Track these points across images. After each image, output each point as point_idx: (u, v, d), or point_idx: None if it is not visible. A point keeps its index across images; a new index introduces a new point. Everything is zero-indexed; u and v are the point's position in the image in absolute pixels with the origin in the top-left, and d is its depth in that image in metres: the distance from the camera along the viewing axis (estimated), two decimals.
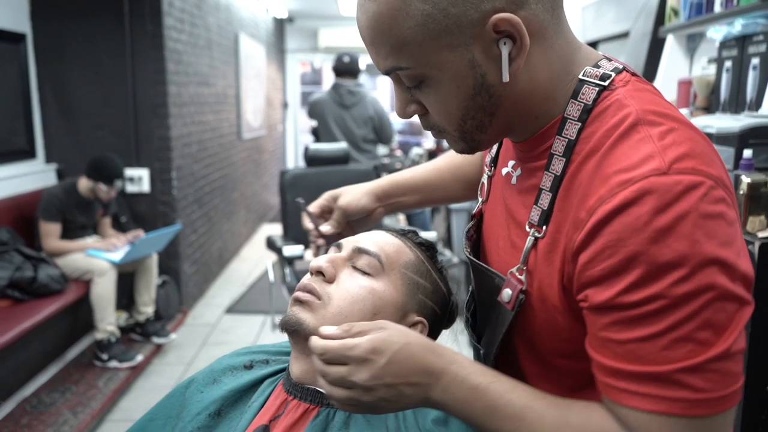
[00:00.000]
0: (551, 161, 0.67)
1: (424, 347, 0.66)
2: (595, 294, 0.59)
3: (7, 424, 2.57)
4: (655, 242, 0.55)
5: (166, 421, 0.87)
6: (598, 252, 0.59)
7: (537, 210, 0.69)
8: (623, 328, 0.58)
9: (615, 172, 0.59)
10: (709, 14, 1.88)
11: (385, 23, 0.63)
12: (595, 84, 0.66)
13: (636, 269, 0.56)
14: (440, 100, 0.67)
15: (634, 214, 0.56)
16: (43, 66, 3.60)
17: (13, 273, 2.81)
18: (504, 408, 0.63)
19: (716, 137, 1.45)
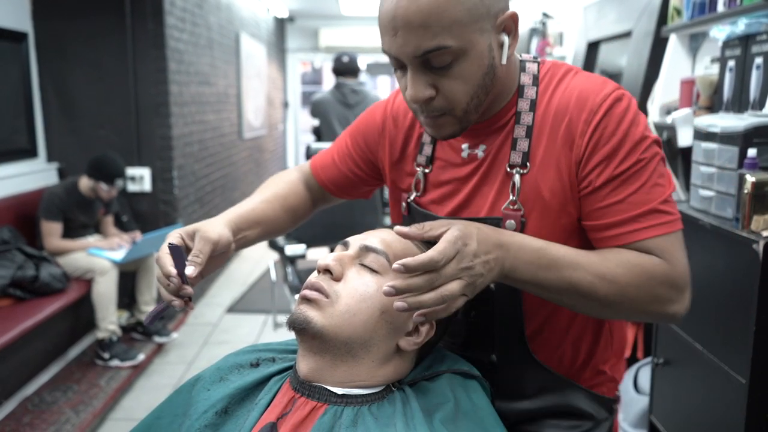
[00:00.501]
0: (520, 118, 0.89)
1: (490, 228, 0.81)
2: (597, 176, 0.85)
3: (9, 422, 2.57)
4: (630, 127, 0.84)
5: (173, 419, 0.86)
6: (594, 146, 0.84)
7: (517, 154, 0.89)
8: (621, 190, 0.84)
9: (590, 94, 0.86)
10: (712, 14, 1.88)
11: (441, 6, 0.76)
12: (532, 61, 0.93)
13: (624, 147, 0.84)
14: (464, 77, 0.81)
15: (616, 114, 0.84)
16: (45, 65, 3.60)
17: (15, 272, 2.81)
18: (563, 259, 0.81)
19: (720, 137, 1.45)
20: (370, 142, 1.09)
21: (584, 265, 0.81)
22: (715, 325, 1.40)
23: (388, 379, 0.83)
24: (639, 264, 0.82)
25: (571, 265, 0.80)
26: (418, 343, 0.83)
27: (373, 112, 1.11)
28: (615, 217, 0.84)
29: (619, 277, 0.81)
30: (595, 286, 0.80)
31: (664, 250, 0.83)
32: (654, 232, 0.83)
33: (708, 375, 1.42)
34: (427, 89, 0.81)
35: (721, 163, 1.45)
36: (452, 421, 0.78)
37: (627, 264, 0.81)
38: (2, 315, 2.69)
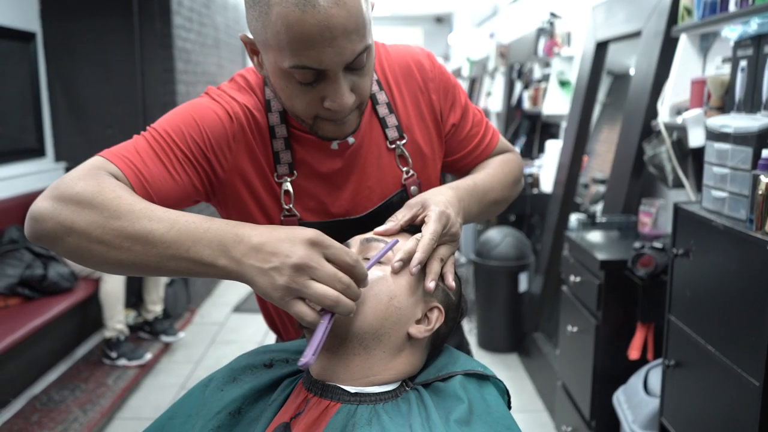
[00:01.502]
0: (375, 99, 0.98)
1: (444, 187, 0.94)
2: (454, 116, 1.05)
3: (18, 421, 2.58)
4: (446, 71, 1.06)
5: (186, 420, 0.86)
6: (444, 94, 1.04)
7: (391, 130, 0.99)
8: (467, 117, 1.08)
9: (416, 55, 1.03)
10: (723, 13, 1.87)
11: (361, 7, 0.78)
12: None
13: (456, 87, 1.06)
14: (370, 72, 0.86)
15: (439, 65, 1.05)
16: (53, 65, 3.62)
17: (23, 271, 2.82)
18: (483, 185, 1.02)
19: (734, 137, 1.44)
20: (218, 150, 0.90)
21: (495, 183, 1.04)
22: (728, 327, 1.39)
23: (400, 373, 0.83)
24: (509, 160, 1.11)
25: (491, 187, 1.02)
26: (428, 330, 0.83)
27: (209, 115, 0.90)
28: (473, 141, 1.08)
29: (510, 177, 1.08)
30: (506, 194, 1.07)
31: (505, 146, 1.14)
32: (496, 137, 1.12)
33: (720, 377, 1.41)
34: (351, 93, 0.83)
35: (734, 164, 1.44)
36: (467, 422, 0.77)
37: (506, 166, 1.09)
38: (11, 314, 2.70)
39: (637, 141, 2.37)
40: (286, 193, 0.93)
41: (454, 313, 0.90)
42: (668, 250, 1.77)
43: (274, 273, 0.70)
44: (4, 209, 3.09)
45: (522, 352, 3.41)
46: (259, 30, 0.79)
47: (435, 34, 10.34)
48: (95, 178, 0.78)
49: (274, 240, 0.71)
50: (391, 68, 1.00)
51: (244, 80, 0.95)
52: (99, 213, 0.74)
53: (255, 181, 0.93)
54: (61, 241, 0.75)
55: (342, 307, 0.71)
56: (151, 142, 0.86)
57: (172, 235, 0.73)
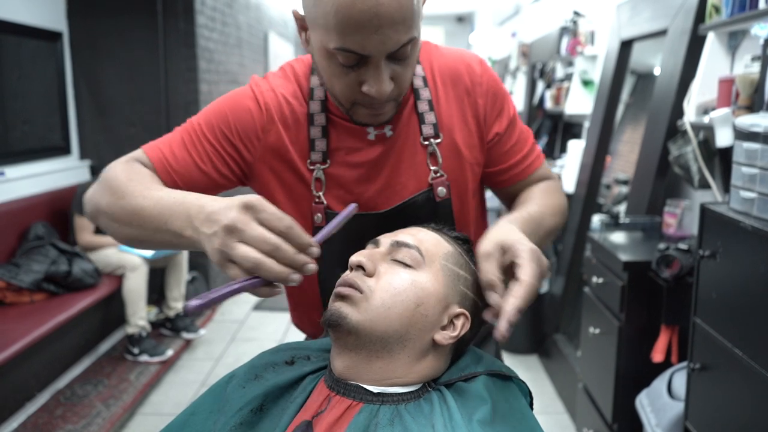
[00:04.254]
0: (418, 94, 0.97)
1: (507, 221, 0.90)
2: (499, 125, 1.03)
3: (42, 414, 2.62)
4: (500, 82, 1.04)
5: (207, 416, 0.86)
6: (492, 101, 1.02)
7: (428, 127, 0.98)
8: (514, 131, 1.05)
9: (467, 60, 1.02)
10: (753, 11, 1.83)
11: (411, 0, 0.79)
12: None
13: (507, 98, 1.04)
14: (412, 64, 0.88)
15: (491, 73, 1.03)
16: (79, 64, 3.67)
17: (48, 267, 2.87)
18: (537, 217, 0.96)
19: (763, 137, 1.41)
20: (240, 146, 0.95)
21: (546, 213, 0.99)
22: (757, 329, 1.36)
23: (423, 377, 0.82)
24: (554, 189, 1.07)
25: (542, 218, 0.97)
26: (453, 337, 0.82)
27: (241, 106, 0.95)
28: (516, 156, 1.04)
29: (558, 206, 1.04)
30: (556, 223, 1.03)
31: (548, 172, 1.10)
32: (540, 160, 1.08)
33: (747, 381, 1.38)
34: (390, 82, 0.85)
35: (764, 164, 1.41)
36: (489, 423, 0.76)
37: (552, 196, 1.05)
38: (36, 309, 2.75)
39: (662, 141, 2.34)
40: (317, 180, 0.95)
41: (480, 318, 0.89)
42: (694, 252, 1.74)
43: (213, 237, 0.70)
44: (30, 206, 3.15)
45: (542, 354, 3.38)
46: (311, 7, 0.83)
47: (456, 34, 10.31)
48: (124, 164, 0.92)
49: (219, 207, 0.72)
50: (440, 68, 1.00)
51: (291, 69, 1.00)
52: (112, 194, 0.86)
53: (284, 169, 0.97)
54: (97, 220, 0.90)
55: (264, 270, 0.67)
56: (183, 135, 0.96)
57: (156, 210, 0.79)
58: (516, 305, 0.75)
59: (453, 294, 0.84)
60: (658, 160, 2.36)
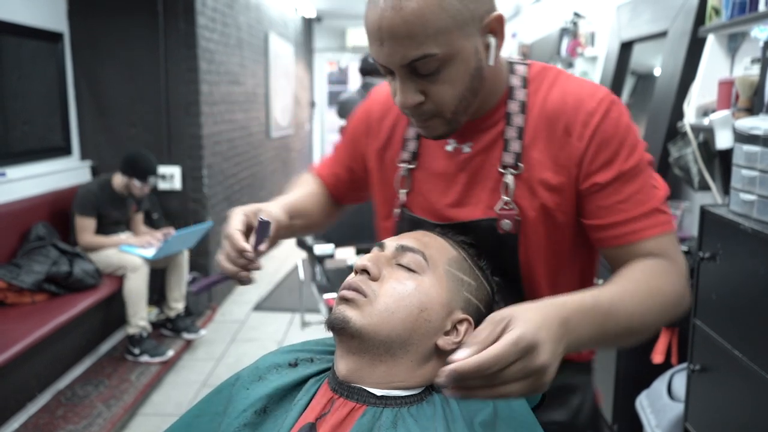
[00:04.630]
0: (510, 119, 0.91)
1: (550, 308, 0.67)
2: (602, 176, 0.88)
3: (44, 415, 2.63)
4: (628, 129, 0.89)
5: (212, 418, 0.87)
6: (598, 147, 0.88)
7: (509, 155, 0.91)
8: (624, 189, 0.88)
9: (585, 97, 0.89)
10: (753, 13, 1.84)
11: (426, 15, 0.76)
12: (521, 63, 0.95)
13: (624, 148, 0.88)
14: (451, 81, 0.82)
15: (614, 117, 0.89)
16: (80, 64, 3.67)
17: (49, 267, 2.87)
18: (611, 307, 0.76)
19: (763, 139, 1.41)
20: (358, 144, 1.11)
21: (632, 303, 0.78)
22: (756, 331, 1.37)
23: (426, 380, 0.83)
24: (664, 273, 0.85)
25: (623, 309, 0.76)
26: (456, 343, 0.83)
27: (356, 113, 1.13)
28: (618, 215, 0.87)
29: (660, 297, 0.82)
30: (651, 320, 0.82)
31: (667, 248, 0.87)
32: (657, 230, 0.87)
33: (747, 383, 1.39)
34: (415, 95, 0.83)
35: (763, 167, 1.41)
36: (491, 425, 0.77)
37: (657, 281, 0.83)
38: (37, 309, 2.75)
39: (662, 142, 2.34)
40: (402, 178, 1.01)
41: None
42: (694, 254, 1.74)
43: None
44: (31, 207, 3.15)
45: None
46: None
47: None
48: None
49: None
50: (550, 97, 0.91)
51: None
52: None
53: (379, 166, 1.07)
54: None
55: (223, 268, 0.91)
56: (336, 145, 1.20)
57: None
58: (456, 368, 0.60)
59: (457, 299, 0.84)
60: (658, 161, 2.37)
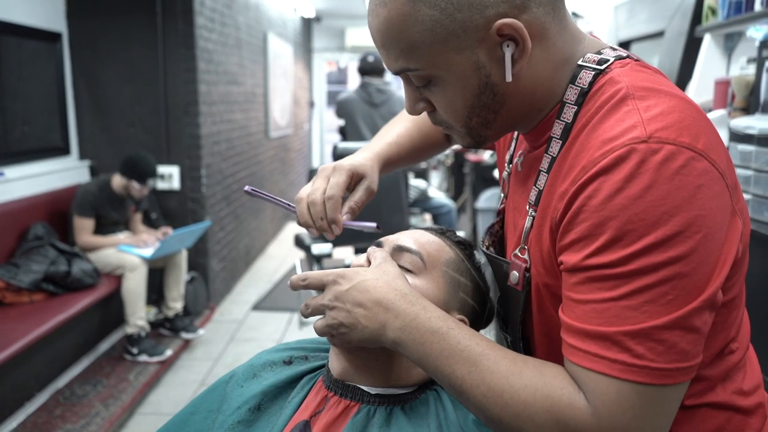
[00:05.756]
0: (550, 144, 0.71)
1: (392, 287, 0.72)
2: (569, 256, 0.62)
3: (42, 414, 2.63)
4: (624, 209, 0.58)
5: (207, 415, 0.88)
6: (572, 218, 0.62)
7: (535, 191, 0.73)
8: (585, 289, 0.61)
9: (599, 142, 0.62)
10: (749, 13, 1.85)
11: (396, 27, 0.66)
12: (592, 68, 0.69)
13: (604, 234, 0.59)
14: (447, 98, 0.71)
15: (610, 180, 0.58)
16: (78, 65, 3.67)
17: (48, 267, 2.88)
18: (460, 353, 0.66)
19: (758, 138, 1.42)
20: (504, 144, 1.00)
21: (483, 368, 0.64)
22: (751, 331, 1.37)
23: (421, 379, 0.83)
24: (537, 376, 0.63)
25: (468, 361, 0.65)
26: None
27: None
28: (566, 316, 0.63)
29: (518, 403, 0.62)
30: (486, 400, 0.64)
31: (601, 397, 0.58)
32: (595, 365, 0.59)
33: None
34: (418, 104, 0.75)
35: (758, 166, 1.42)
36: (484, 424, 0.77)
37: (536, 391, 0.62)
38: (36, 309, 2.75)
39: None
40: (503, 180, 0.91)
41: (479, 324, 0.89)
42: None
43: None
44: (29, 206, 3.15)
45: None
46: None
47: None
48: None
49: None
50: (590, 127, 0.65)
51: None
52: None
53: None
54: None
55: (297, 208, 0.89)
56: None
57: None
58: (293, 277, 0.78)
59: (453, 301, 0.84)
60: None
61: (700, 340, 0.59)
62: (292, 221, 7.04)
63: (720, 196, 0.59)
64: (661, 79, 0.68)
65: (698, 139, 0.59)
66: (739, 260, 0.65)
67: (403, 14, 0.65)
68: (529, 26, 0.65)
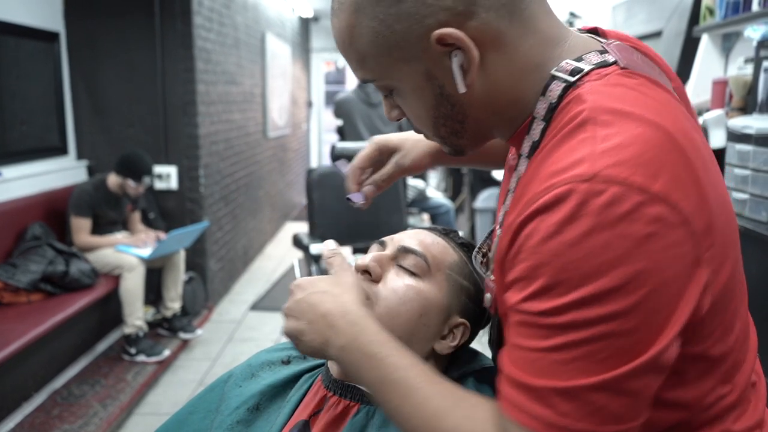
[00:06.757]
0: (519, 163, 0.65)
1: (338, 302, 0.69)
2: (510, 295, 0.58)
3: (39, 414, 2.63)
4: (558, 256, 0.52)
5: (205, 415, 0.88)
6: (514, 255, 0.57)
7: (503, 210, 0.68)
8: (521, 333, 0.57)
9: (546, 174, 0.55)
10: (746, 13, 1.85)
11: (347, 39, 0.65)
12: (563, 80, 0.61)
13: (538, 280, 0.54)
14: (410, 108, 0.69)
15: (547, 222, 0.53)
16: (76, 64, 3.67)
17: (45, 267, 2.87)
18: (394, 383, 0.63)
19: (756, 138, 1.42)
20: None
21: (415, 404, 0.62)
22: None
23: None
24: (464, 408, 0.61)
25: (401, 394, 0.63)
26: (452, 347, 0.83)
27: None
28: (505, 358, 0.59)
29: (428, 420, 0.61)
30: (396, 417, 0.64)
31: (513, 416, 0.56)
32: (520, 416, 0.56)
33: None
34: (392, 111, 0.72)
35: (756, 166, 1.42)
36: None
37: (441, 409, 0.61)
38: (33, 309, 2.75)
39: None
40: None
41: (478, 325, 0.89)
42: None
43: None
44: (27, 206, 3.15)
45: None
46: None
47: None
48: None
49: None
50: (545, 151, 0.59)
51: None
52: None
53: None
54: None
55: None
56: None
57: None
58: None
59: (455, 304, 0.83)
60: None
61: (637, 403, 0.54)
62: (290, 221, 7.04)
63: (676, 246, 0.51)
64: (640, 98, 0.58)
65: (656, 179, 0.51)
66: (709, 313, 0.56)
67: (349, 26, 0.63)
68: (479, 33, 0.60)
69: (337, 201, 3.07)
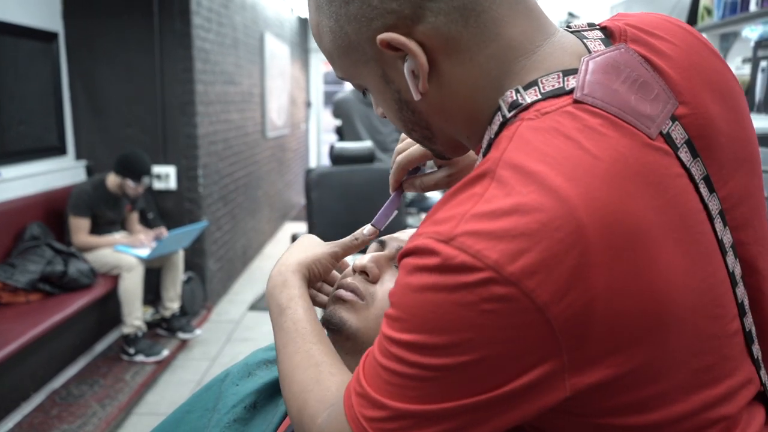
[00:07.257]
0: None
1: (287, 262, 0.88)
2: None
3: (38, 414, 2.63)
4: (402, 297, 0.53)
5: (202, 413, 0.88)
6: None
7: None
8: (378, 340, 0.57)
9: (430, 218, 0.54)
10: (744, 13, 1.85)
11: (316, 37, 0.64)
12: (502, 113, 0.56)
13: (392, 308, 0.55)
14: (382, 110, 0.67)
15: (406, 263, 0.53)
16: (75, 64, 3.67)
17: (44, 267, 2.87)
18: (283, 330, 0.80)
19: None
20: None
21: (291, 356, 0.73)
22: None
23: None
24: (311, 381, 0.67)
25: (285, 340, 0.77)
26: None
27: None
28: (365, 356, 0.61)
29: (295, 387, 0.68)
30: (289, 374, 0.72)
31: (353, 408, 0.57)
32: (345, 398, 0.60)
33: None
34: (377, 107, 0.69)
35: None
36: None
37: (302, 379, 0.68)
38: (32, 309, 2.75)
39: None
40: None
41: None
42: None
43: None
44: (26, 206, 3.15)
45: None
46: None
47: None
48: None
49: None
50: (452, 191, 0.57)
51: None
52: None
53: None
54: None
55: None
56: None
57: None
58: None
59: None
60: None
61: None
62: (289, 221, 7.04)
63: (521, 329, 0.48)
64: (565, 151, 0.50)
65: (515, 259, 0.47)
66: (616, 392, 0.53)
67: (316, 25, 0.62)
68: (428, 39, 0.56)
69: (336, 201, 3.07)
